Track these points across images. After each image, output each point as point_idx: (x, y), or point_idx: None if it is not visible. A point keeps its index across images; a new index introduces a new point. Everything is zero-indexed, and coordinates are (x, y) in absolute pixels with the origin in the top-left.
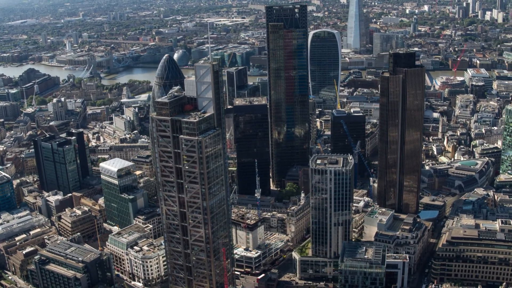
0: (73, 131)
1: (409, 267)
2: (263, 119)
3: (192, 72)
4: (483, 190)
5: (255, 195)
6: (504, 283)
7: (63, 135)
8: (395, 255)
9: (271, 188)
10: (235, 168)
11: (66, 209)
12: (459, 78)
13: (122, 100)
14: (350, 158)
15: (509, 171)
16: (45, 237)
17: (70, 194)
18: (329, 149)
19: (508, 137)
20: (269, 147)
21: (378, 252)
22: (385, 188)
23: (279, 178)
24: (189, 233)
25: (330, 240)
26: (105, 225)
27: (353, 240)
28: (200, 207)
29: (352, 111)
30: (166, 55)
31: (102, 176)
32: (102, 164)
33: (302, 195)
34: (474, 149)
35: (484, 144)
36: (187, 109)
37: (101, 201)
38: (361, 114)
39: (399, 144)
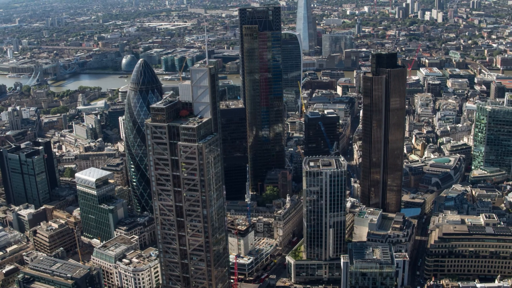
0: (40, 140)
1: None
2: (242, 123)
3: None
4: (461, 186)
5: (245, 200)
6: (499, 276)
7: (23, 144)
8: (394, 253)
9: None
10: None
11: (41, 223)
12: (414, 77)
13: (78, 108)
14: (342, 159)
15: (482, 167)
16: (23, 253)
17: (43, 207)
18: (302, 151)
19: (480, 134)
20: (247, 151)
21: (386, 252)
22: (369, 188)
23: (255, 182)
24: (188, 242)
25: (325, 242)
26: (82, 238)
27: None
28: (200, 215)
29: (326, 112)
30: (141, 59)
31: (78, 187)
32: (77, 174)
33: (288, 198)
34: (441, 146)
35: (451, 141)
36: (182, 114)
37: (75, 212)
38: (335, 115)
39: (383, 144)
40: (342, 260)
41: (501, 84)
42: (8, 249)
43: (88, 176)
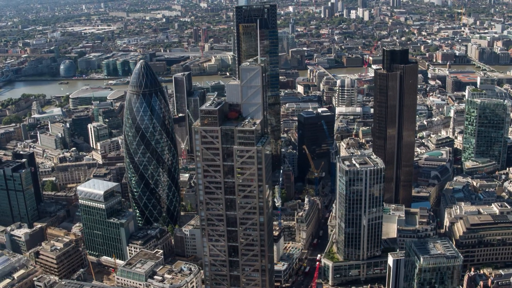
0: (22, 152)
1: None
2: None
3: (84, 82)
4: (463, 178)
5: (276, 204)
6: None
7: None
8: None
9: None
10: None
11: (43, 243)
12: (370, 75)
13: (35, 116)
14: (375, 156)
15: (473, 158)
16: (33, 279)
17: (38, 226)
18: (294, 151)
19: (470, 126)
20: None
21: (446, 246)
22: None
23: None
24: (240, 252)
25: (363, 241)
26: (89, 256)
27: None
28: (256, 223)
29: (320, 111)
30: (142, 61)
31: (80, 201)
32: (80, 188)
33: (306, 199)
34: (423, 140)
35: (432, 135)
36: (232, 116)
37: (75, 229)
38: (330, 113)
39: (397, 140)
40: (390, 258)
41: (457, 78)
42: (15, 275)
43: (94, 188)
